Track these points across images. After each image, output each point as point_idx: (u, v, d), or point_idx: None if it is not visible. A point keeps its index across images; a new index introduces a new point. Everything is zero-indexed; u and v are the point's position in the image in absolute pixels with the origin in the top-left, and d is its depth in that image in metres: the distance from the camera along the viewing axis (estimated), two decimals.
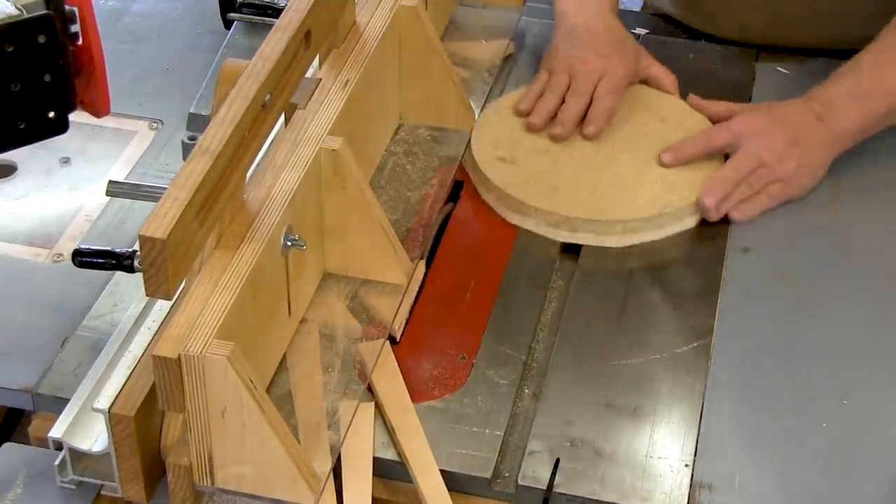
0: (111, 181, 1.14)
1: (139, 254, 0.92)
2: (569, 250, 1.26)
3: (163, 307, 1.08)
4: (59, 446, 1.02)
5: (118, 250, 1.06)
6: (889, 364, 1.15)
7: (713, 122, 1.36)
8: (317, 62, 1.23)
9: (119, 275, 1.17)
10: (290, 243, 1.06)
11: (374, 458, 1.04)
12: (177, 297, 0.99)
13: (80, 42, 1.02)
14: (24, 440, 1.10)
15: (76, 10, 1.01)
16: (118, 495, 1.02)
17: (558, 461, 1.04)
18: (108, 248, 1.06)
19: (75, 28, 1.01)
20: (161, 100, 1.45)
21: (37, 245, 1.27)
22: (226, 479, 0.99)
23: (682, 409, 1.10)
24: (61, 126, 1.03)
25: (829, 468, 1.06)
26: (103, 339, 1.09)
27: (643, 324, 1.18)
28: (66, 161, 1.37)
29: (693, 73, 1.49)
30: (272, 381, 1.07)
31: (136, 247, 0.93)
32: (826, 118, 1.30)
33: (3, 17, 0.97)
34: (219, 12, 1.52)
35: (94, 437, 1.01)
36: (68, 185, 1.34)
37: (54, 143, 1.08)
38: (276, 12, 1.32)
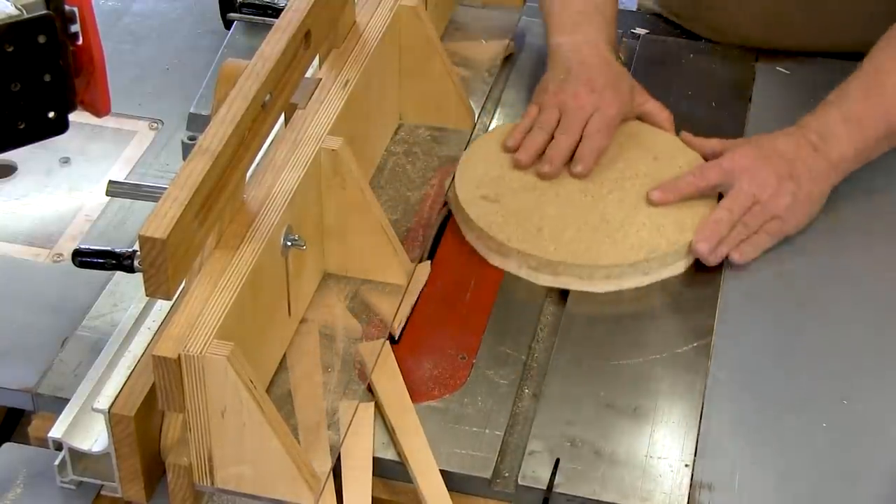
0: (111, 181, 1.14)
1: (139, 254, 0.92)
2: None
3: (163, 307, 1.08)
4: (59, 446, 1.02)
5: (118, 250, 1.06)
6: (889, 364, 1.15)
7: (706, 159, 1.30)
8: (317, 62, 1.23)
9: (119, 275, 1.17)
10: (290, 243, 1.06)
11: (374, 458, 1.04)
12: (177, 297, 0.99)
13: (80, 42, 1.02)
14: (24, 440, 1.10)
15: (76, 10, 1.01)
16: (118, 495, 1.02)
17: (558, 461, 1.04)
18: (108, 248, 1.06)
19: (75, 28, 1.01)
20: (161, 100, 1.45)
21: (37, 245, 1.27)
22: (225, 479, 0.99)
23: (682, 409, 1.10)
24: (61, 126, 1.03)
25: (829, 468, 1.06)
26: (103, 339, 1.09)
27: (643, 324, 1.18)
28: (66, 161, 1.37)
29: (693, 73, 1.49)
30: (272, 381, 1.07)
31: (136, 247, 0.93)
32: (821, 147, 1.26)
33: (3, 17, 0.97)
34: (219, 12, 1.52)
35: (94, 437, 1.01)
36: (68, 185, 1.34)
37: (54, 143, 1.08)
38: (276, 12, 1.32)
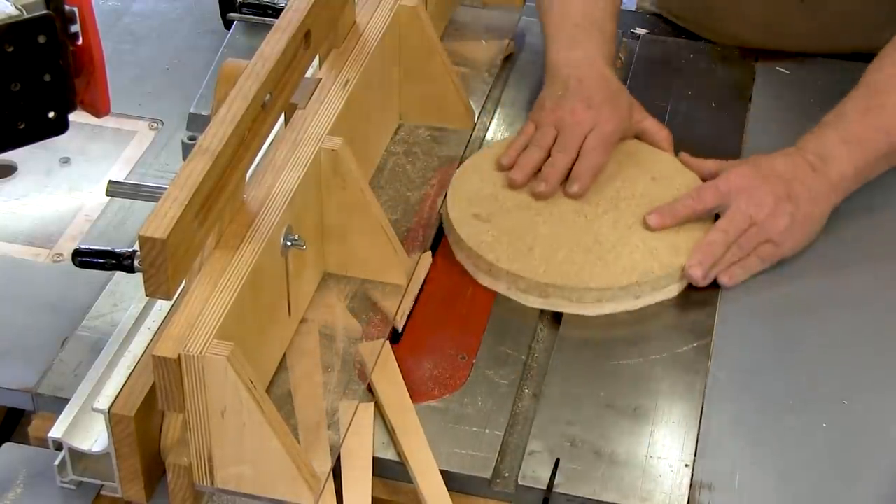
0: (111, 181, 1.14)
1: (139, 254, 0.92)
2: None
3: (163, 307, 1.08)
4: (59, 446, 1.02)
5: (118, 250, 1.06)
6: (889, 364, 1.15)
7: (703, 180, 1.28)
8: (317, 62, 1.23)
9: (119, 275, 1.17)
10: (289, 243, 1.06)
11: (374, 458, 1.04)
12: (177, 297, 0.99)
13: (80, 42, 1.02)
14: (24, 440, 1.10)
15: (76, 10, 1.01)
16: (118, 495, 1.02)
17: (558, 461, 1.04)
18: (108, 248, 1.06)
19: (75, 28, 1.01)
20: (161, 100, 1.45)
21: (37, 245, 1.27)
22: (225, 479, 0.99)
23: (682, 409, 1.10)
24: (61, 126, 1.03)
25: (829, 468, 1.06)
26: (103, 339, 1.09)
27: (643, 324, 1.18)
28: (66, 161, 1.37)
29: (693, 73, 1.49)
30: (272, 381, 1.07)
31: (136, 247, 0.93)
32: (820, 167, 1.23)
33: (3, 17, 0.97)
34: (219, 12, 1.52)
35: (94, 437, 1.01)
36: (68, 185, 1.34)
37: (54, 143, 1.08)
38: (276, 12, 1.32)
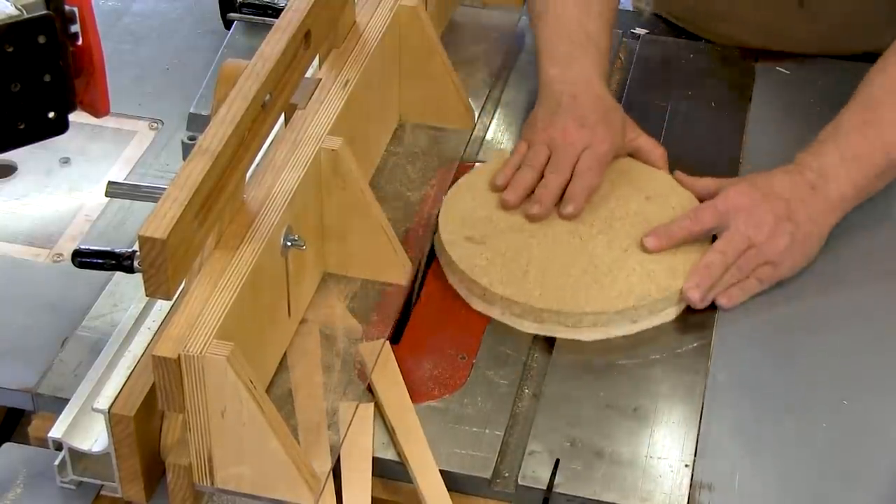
0: (111, 182, 1.14)
1: (139, 254, 0.92)
2: None
3: (163, 307, 1.08)
4: (59, 446, 1.02)
5: (118, 250, 1.06)
6: (889, 364, 1.15)
7: (700, 199, 1.25)
8: (317, 62, 1.23)
9: (119, 275, 1.17)
10: (289, 243, 1.06)
11: (374, 458, 1.04)
12: (177, 297, 0.99)
13: (80, 42, 1.02)
14: (24, 440, 1.10)
15: (76, 10, 1.01)
16: (118, 495, 1.02)
17: (558, 461, 1.04)
18: (108, 249, 1.06)
19: (75, 28, 1.01)
20: (161, 100, 1.45)
21: (37, 245, 1.27)
22: (225, 479, 0.99)
23: (682, 409, 1.10)
24: (61, 126, 1.03)
25: (829, 468, 1.06)
26: (103, 339, 1.09)
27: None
28: (66, 161, 1.37)
29: (693, 73, 1.49)
30: (272, 381, 1.07)
31: (136, 247, 0.93)
32: (820, 186, 1.21)
33: (3, 17, 0.97)
34: (219, 12, 1.52)
35: (94, 437, 1.01)
36: (68, 185, 1.34)
37: (54, 143, 1.08)
38: (276, 12, 1.32)
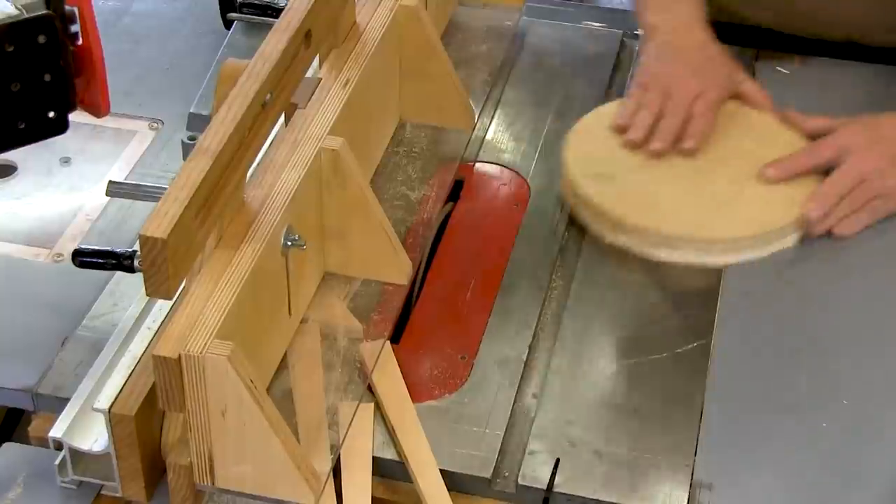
0: (111, 181, 1.14)
1: (139, 254, 0.92)
2: (569, 250, 1.27)
3: (163, 307, 1.08)
4: (59, 446, 1.02)
5: (118, 250, 1.06)
6: (889, 364, 1.15)
7: (811, 137, 1.32)
8: (317, 62, 1.23)
9: (119, 275, 1.17)
10: (290, 243, 1.06)
11: (374, 458, 1.04)
12: (177, 296, 0.99)
13: (80, 42, 1.02)
14: (24, 440, 1.10)
15: (76, 10, 1.01)
16: (118, 495, 1.03)
17: (558, 461, 1.04)
18: (108, 248, 1.06)
19: (75, 28, 1.01)
20: (161, 100, 1.45)
21: (37, 245, 1.27)
22: (226, 478, 0.99)
23: (682, 409, 1.10)
24: (61, 126, 1.03)
25: (829, 468, 1.06)
26: (103, 339, 1.09)
27: (643, 324, 1.18)
28: (66, 161, 1.37)
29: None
30: (272, 381, 1.07)
31: (136, 247, 0.94)
32: None
33: (3, 17, 0.97)
34: (219, 12, 1.52)
35: (94, 437, 1.01)
36: (68, 185, 1.34)
37: (54, 143, 1.08)
38: (276, 12, 1.32)
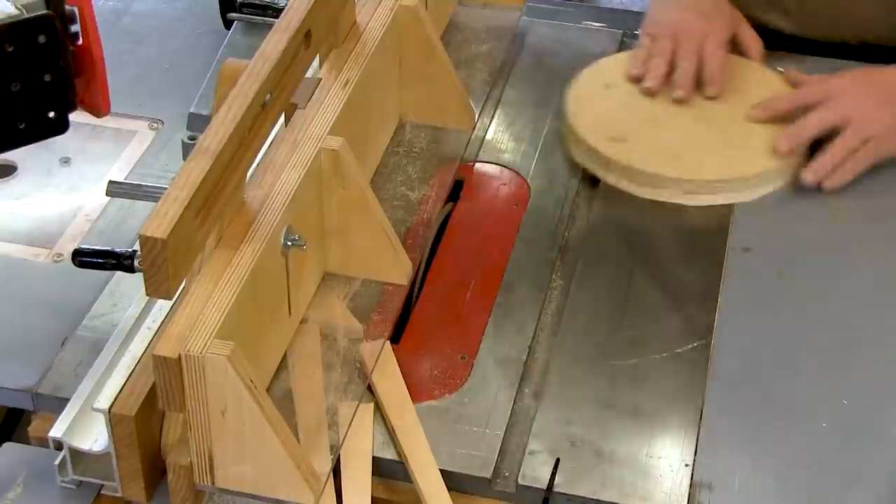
0: (111, 181, 1.14)
1: (139, 254, 0.92)
2: (569, 250, 1.27)
3: (163, 307, 1.08)
4: (59, 446, 1.02)
5: (118, 250, 1.06)
6: (889, 364, 1.15)
7: None
8: (317, 62, 1.23)
9: (119, 275, 1.17)
10: (290, 243, 1.06)
11: (374, 458, 1.04)
12: (177, 296, 0.99)
13: (80, 42, 1.02)
14: (24, 440, 1.10)
15: (76, 10, 1.01)
16: (118, 495, 1.03)
17: (558, 461, 1.04)
18: (108, 248, 1.06)
19: (75, 28, 1.01)
20: (161, 100, 1.45)
21: (37, 245, 1.27)
22: (226, 478, 0.99)
23: (682, 409, 1.10)
24: (61, 126, 1.03)
25: (829, 468, 1.06)
26: (103, 339, 1.09)
27: (643, 324, 1.18)
28: (66, 161, 1.37)
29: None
30: (272, 381, 1.07)
31: (136, 247, 0.94)
32: None
33: (3, 17, 0.97)
34: (219, 12, 1.52)
35: (94, 437, 1.01)
36: (68, 185, 1.34)
37: (54, 143, 1.08)
38: (276, 12, 1.32)
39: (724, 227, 1.28)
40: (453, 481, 1.03)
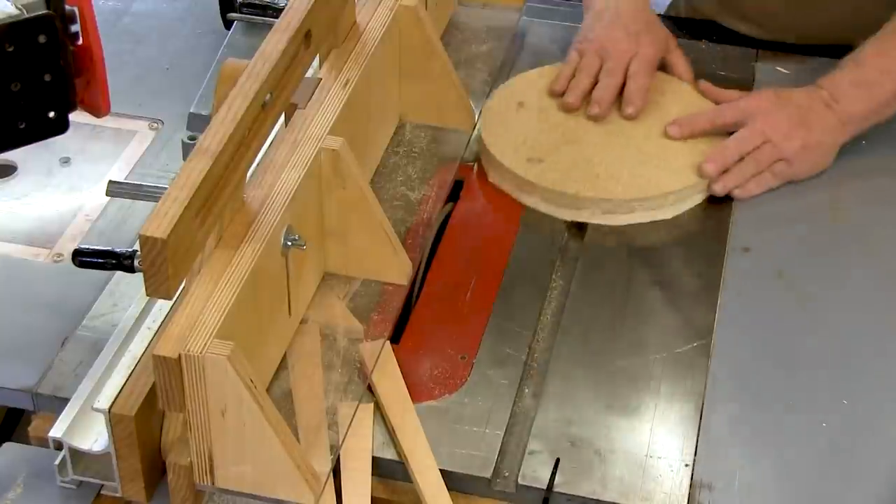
0: (111, 181, 1.13)
1: (139, 254, 0.92)
2: (569, 250, 1.27)
3: (163, 307, 1.08)
4: (59, 446, 1.02)
5: (118, 250, 1.06)
6: (889, 364, 1.15)
7: None
8: (317, 62, 1.23)
9: (119, 275, 1.17)
10: (290, 243, 1.06)
11: (374, 458, 1.04)
12: (177, 296, 0.99)
13: (80, 42, 1.02)
14: (24, 440, 1.10)
15: (76, 10, 1.01)
16: (118, 495, 1.03)
17: (558, 461, 1.04)
18: (108, 248, 1.06)
19: (75, 28, 1.01)
20: (161, 100, 1.45)
21: (37, 245, 1.27)
22: (226, 478, 0.99)
23: (682, 409, 1.10)
24: (61, 126, 1.03)
25: (829, 468, 1.06)
26: (103, 339, 1.09)
27: (643, 324, 1.18)
28: (66, 161, 1.37)
29: (693, 73, 1.49)
30: (272, 381, 1.07)
31: (136, 247, 0.94)
32: (833, 105, 1.32)
33: (3, 17, 0.97)
34: (219, 12, 1.52)
35: (94, 437, 1.01)
36: (68, 185, 1.34)
37: (54, 143, 1.08)
38: (276, 12, 1.32)
39: (724, 227, 1.28)
40: (453, 481, 1.03)
